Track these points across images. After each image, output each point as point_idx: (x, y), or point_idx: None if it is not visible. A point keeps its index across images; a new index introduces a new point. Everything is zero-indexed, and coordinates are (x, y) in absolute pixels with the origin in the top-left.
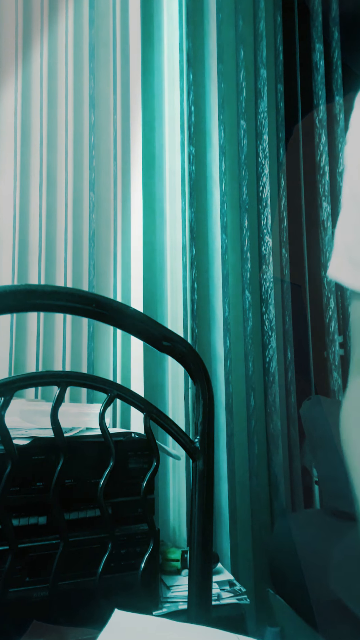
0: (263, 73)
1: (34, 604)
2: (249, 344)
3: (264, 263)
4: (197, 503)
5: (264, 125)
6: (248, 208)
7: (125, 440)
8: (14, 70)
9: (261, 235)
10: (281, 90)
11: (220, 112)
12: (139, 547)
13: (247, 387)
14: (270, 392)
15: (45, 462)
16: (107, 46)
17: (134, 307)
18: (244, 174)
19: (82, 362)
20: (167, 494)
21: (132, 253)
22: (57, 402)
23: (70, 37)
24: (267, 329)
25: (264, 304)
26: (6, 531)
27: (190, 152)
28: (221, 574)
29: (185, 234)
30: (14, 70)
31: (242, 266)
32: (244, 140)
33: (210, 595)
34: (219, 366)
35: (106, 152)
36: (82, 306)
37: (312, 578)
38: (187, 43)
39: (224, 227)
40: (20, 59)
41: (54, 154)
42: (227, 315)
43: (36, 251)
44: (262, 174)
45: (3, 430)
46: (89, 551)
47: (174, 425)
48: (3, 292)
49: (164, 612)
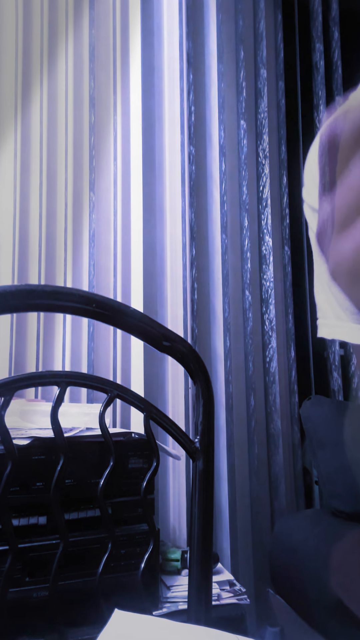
0: (263, 73)
1: (34, 604)
2: (249, 344)
3: (264, 263)
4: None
5: (264, 124)
6: (248, 208)
7: (125, 440)
8: (14, 70)
9: (261, 235)
10: (282, 88)
11: (220, 112)
12: (139, 547)
13: (247, 387)
14: (271, 392)
15: (45, 462)
16: (107, 46)
17: (134, 307)
18: (244, 174)
19: (82, 362)
20: (167, 494)
21: (132, 253)
22: (57, 402)
23: (70, 38)
24: (267, 329)
25: (264, 304)
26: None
27: (190, 152)
28: (221, 574)
29: (185, 234)
30: (14, 70)
31: (242, 266)
32: (244, 140)
33: (210, 595)
34: (219, 366)
35: (106, 152)
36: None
37: (312, 578)
38: (187, 43)
39: (224, 227)
40: (20, 59)
41: (54, 154)
42: (227, 315)
43: (36, 251)
44: (262, 174)
45: (3, 430)
46: (89, 551)
47: (174, 425)
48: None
49: (164, 612)
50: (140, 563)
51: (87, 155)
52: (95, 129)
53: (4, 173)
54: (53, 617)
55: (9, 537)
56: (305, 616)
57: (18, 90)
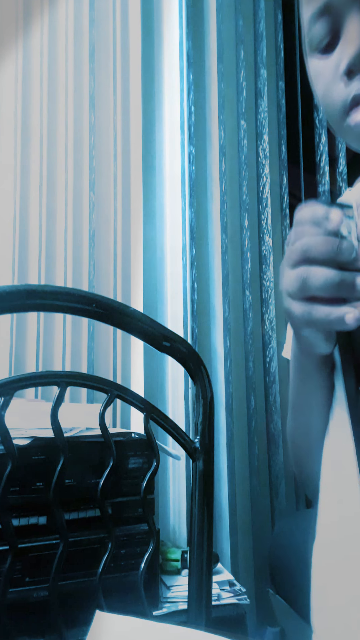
0: (263, 73)
1: (34, 604)
2: (249, 344)
3: (264, 263)
4: (197, 503)
5: (264, 125)
6: (248, 208)
7: (125, 440)
8: (14, 71)
9: (261, 235)
10: (282, 88)
11: (220, 112)
12: (139, 547)
13: (247, 387)
14: (271, 392)
15: (45, 462)
16: (107, 46)
17: (134, 307)
18: (244, 174)
19: (82, 362)
20: (167, 494)
21: (132, 253)
22: (57, 402)
23: (70, 37)
24: (267, 329)
25: (264, 304)
26: (6, 531)
27: (190, 152)
28: (221, 574)
29: (185, 234)
30: (14, 71)
31: (242, 266)
32: (244, 140)
33: (210, 595)
34: (219, 366)
35: (106, 152)
36: (82, 306)
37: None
38: (187, 43)
39: (224, 227)
40: (20, 59)
41: (54, 154)
42: (227, 315)
43: (36, 251)
44: (262, 174)
45: (3, 430)
46: (89, 551)
47: (174, 425)
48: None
49: (164, 612)
50: (140, 563)
51: (87, 155)
52: (95, 129)
53: (4, 173)
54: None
55: (9, 537)
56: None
57: (18, 90)
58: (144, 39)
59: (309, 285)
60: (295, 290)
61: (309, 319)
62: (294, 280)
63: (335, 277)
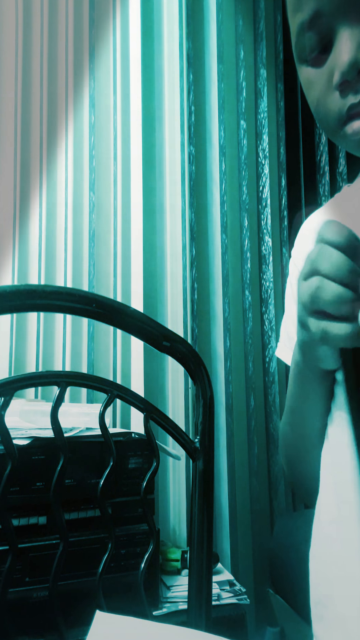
0: (263, 73)
1: (34, 604)
2: (249, 344)
3: (264, 263)
4: (197, 503)
5: (264, 125)
6: (248, 208)
7: (125, 440)
8: (14, 71)
9: (261, 235)
10: (281, 89)
11: (220, 112)
12: (139, 547)
13: (247, 387)
14: (270, 392)
15: (45, 462)
16: (107, 46)
17: (134, 307)
18: (244, 174)
19: (82, 362)
20: (167, 494)
21: (132, 253)
22: (57, 402)
23: (70, 38)
24: (267, 329)
25: (264, 304)
26: (6, 531)
27: (190, 152)
28: (221, 574)
29: (185, 234)
30: (14, 71)
31: (242, 266)
32: (244, 140)
33: (210, 595)
34: (219, 366)
35: (106, 152)
36: (82, 306)
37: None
38: (187, 43)
39: (224, 227)
40: (20, 59)
41: (54, 154)
42: (227, 315)
43: (36, 251)
44: (262, 174)
45: (3, 430)
46: (89, 551)
47: (174, 425)
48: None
49: (164, 613)
50: (140, 563)
51: (87, 155)
52: (95, 129)
53: (4, 173)
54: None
55: (9, 537)
56: (305, 616)
57: (18, 90)
58: (143, 39)
59: (319, 297)
60: (307, 301)
61: (324, 336)
62: (306, 290)
63: (346, 294)
